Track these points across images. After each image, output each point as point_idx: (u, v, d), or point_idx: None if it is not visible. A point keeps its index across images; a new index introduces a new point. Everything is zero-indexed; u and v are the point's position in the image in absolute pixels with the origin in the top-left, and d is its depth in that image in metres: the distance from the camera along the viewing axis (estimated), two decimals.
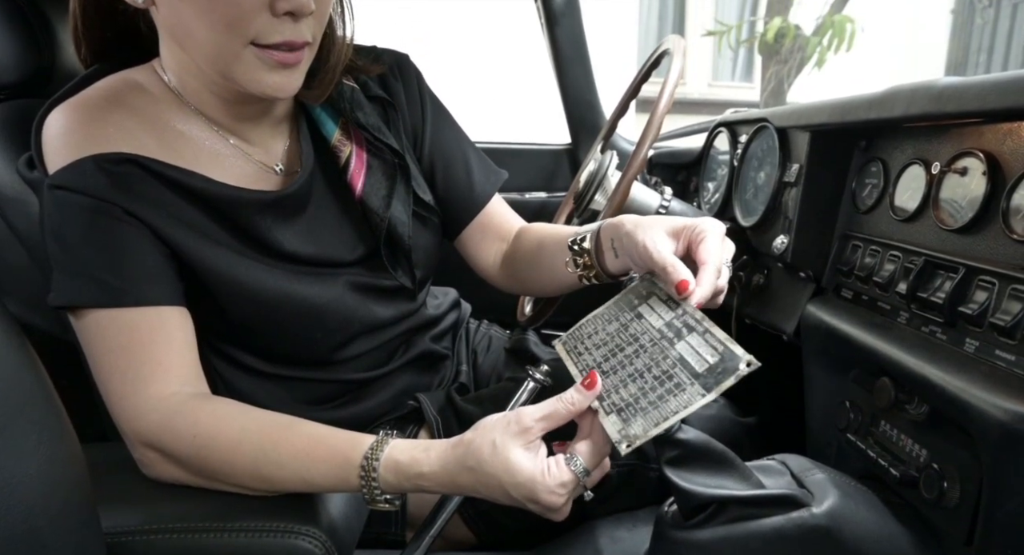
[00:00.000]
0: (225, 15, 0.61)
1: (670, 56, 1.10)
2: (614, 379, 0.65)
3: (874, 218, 0.85)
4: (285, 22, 0.63)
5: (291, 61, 0.66)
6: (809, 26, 5.02)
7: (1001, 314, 0.60)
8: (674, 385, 0.61)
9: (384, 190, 0.80)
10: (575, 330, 0.74)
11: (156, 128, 0.71)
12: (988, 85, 0.62)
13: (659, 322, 0.66)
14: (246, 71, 0.65)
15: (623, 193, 1.04)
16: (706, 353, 0.61)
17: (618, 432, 0.60)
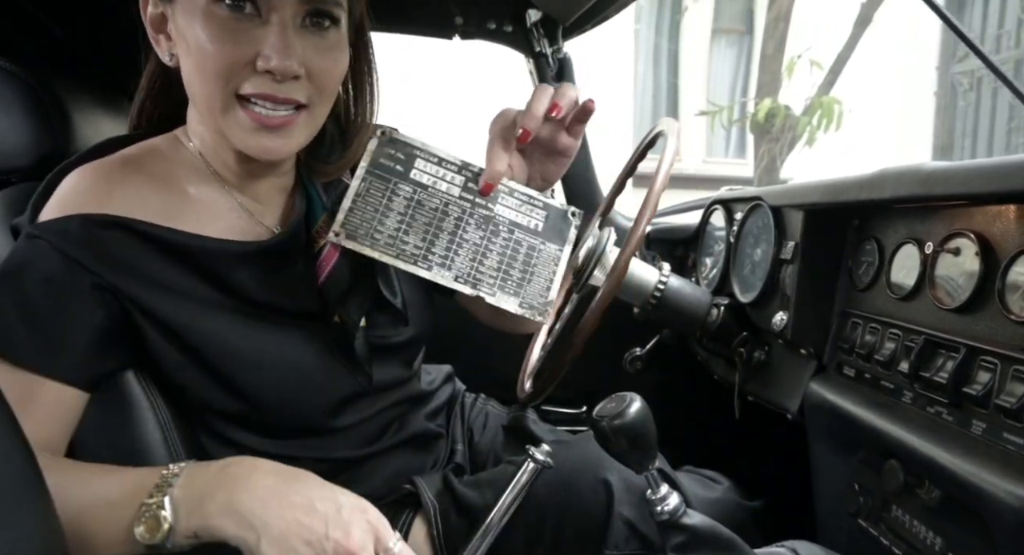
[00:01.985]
0: (214, 67, 0.67)
1: (664, 137, 1.13)
2: (462, 259, 0.69)
3: (872, 296, 0.85)
4: (266, 78, 0.68)
5: (275, 123, 0.69)
6: (798, 106, 5.19)
7: (1006, 396, 0.60)
8: (529, 248, 0.72)
9: (346, 284, 0.80)
10: (347, 219, 0.69)
11: (166, 190, 0.74)
12: (973, 170, 0.64)
13: (455, 189, 0.71)
14: (233, 130, 0.70)
15: (622, 269, 1.05)
16: (530, 212, 0.73)
17: (519, 307, 0.69)
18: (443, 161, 0.72)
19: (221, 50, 0.67)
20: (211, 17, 0.67)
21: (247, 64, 0.67)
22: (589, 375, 1.25)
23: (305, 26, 0.70)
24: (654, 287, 1.15)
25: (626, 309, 1.21)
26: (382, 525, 0.63)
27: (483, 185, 0.72)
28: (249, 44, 0.67)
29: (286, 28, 0.68)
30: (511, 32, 1.39)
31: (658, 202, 1.06)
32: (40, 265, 0.67)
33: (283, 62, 0.67)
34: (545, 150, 0.79)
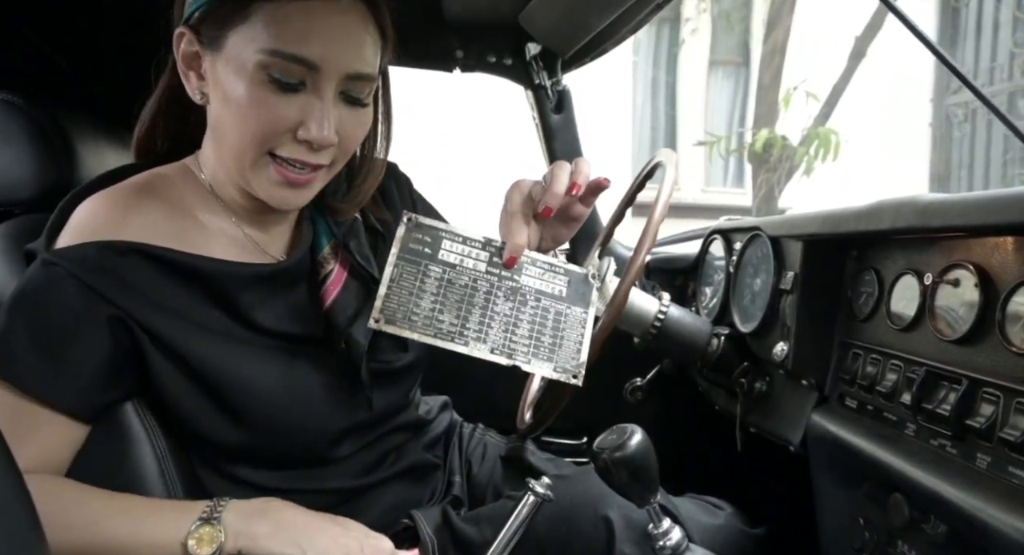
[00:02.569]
0: (256, 129, 0.70)
1: (663, 168, 1.14)
2: (495, 331, 0.72)
3: (872, 326, 0.85)
4: (303, 146, 0.71)
5: (300, 181, 0.73)
6: (795, 137, 5.25)
7: (1010, 429, 0.59)
8: (556, 314, 0.76)
9: (352, 310, 0.82)
10: (384, 304, 0.71)
11: (178, 216, 0.76)
12: (971, 203, 0.64)
13: (481, 265, 0.75)
14: (259, 181, 0.73)
15: (622, 299, 1.05)
16: (552, 279, 0.77)
17: (553, 371, 0.73)
18: (467, 239, 0.76)
19: (264, 115, 0.69)
20: (258, 83, 0.69)
21: (286, 131, 0.70)
22: (589, 405, 1.24)
23: (341, 96, 0.73)
24: (654, 317, 1.15)
25: (626, 339, 1.20)
26: None
27: (507, 259, 0.75)
28: (292, 113, 0.70)
29: (327, 101, 0.71)
30: (511, 65, 1.41)
31: (657, 232, 1.07)
32: (57, 293, 0.68)
33: (322, 134, 0.70)
34: (559, 217, 0.83)
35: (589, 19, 1.20)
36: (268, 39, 0.67)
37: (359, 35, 0.72)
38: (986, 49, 5.93)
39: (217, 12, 0.70)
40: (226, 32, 0.69)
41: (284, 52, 0.68)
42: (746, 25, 7.14)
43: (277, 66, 0.68)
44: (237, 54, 0.69)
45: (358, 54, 0.72)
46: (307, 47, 0.68)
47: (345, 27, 0.70)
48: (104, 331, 0.69)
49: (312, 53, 0.68)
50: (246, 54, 0.68)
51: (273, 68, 0.68)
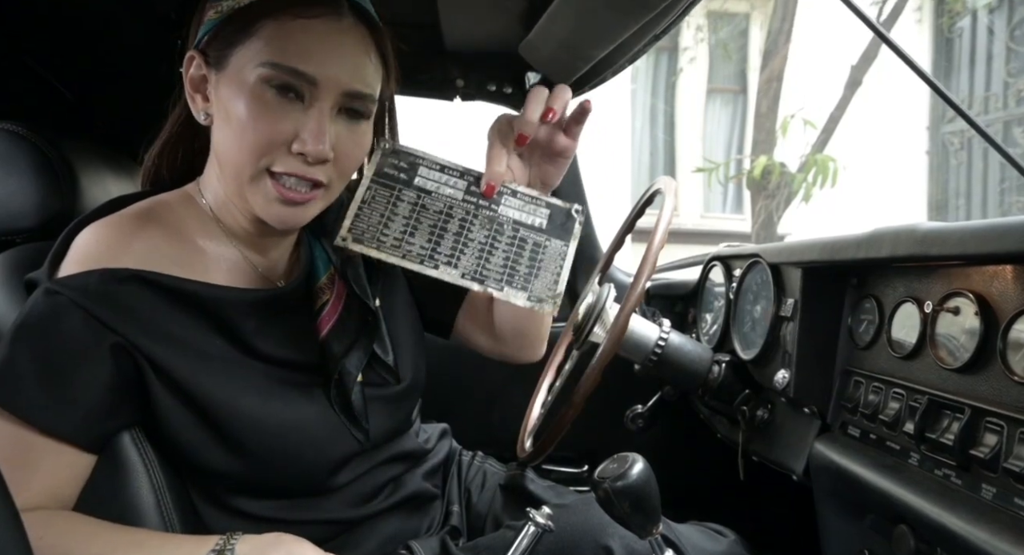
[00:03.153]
0: (254, 141, 0.71)
1: (662, 195, 1.15)
2: (468, 258, 0.71)
3: (873, 354, 0.85)
4: (299, 159, 0.72)
5: (298, 200, 0.73)
6: (793, 164, 5.28)
7: (1015, 459, 0.59)
8: (534, 245, 0.74)
9: (348, 340, 0.82)
10: (353, 224, 0.72)
11: (178, 242, 0.76)
12: (969, 231, 0.64)
13: (458, 193, 0.74)
14: (257, 198, 0.73)
15: (622, 325, 1.05)
16: (533, 211, 0.75)
17: (527, 300, 0.71)
18: (445, 167, 0.76)
19: (262, 128, 0.71)
20: (257, 97, 0.70)
21: (283, 144, 0.72)
22: (590, 433, 1.24)
23: (340, 114, 0.74)
24: (655, 343, 1.15)
25: (627, 366, 1.20)
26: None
27: (485, 187, 0.75)
28: (289, 126, 0.71)
29: (324, 115, 0.72)
30: (511, 93, 1.42)
31: (657, 258, 1.07)
32: (60, 321, 0.68)
33: (317, 147, 0.71)
34: (543, 152, 0.82)
35: (588, 49, 1.21)
36: (269, 53, 0.70)
37: (359, 55, 0.74)
38: (980, 78, 6.00)
39: (223, 31, 0.72)
40: (231, 51, 0.72)
41: (284, 65, 0.69)
42: (743, 54, 7.23)
43: (276, 79, 0.70)
44: (239, 70, 0.71)
45: (357, 73, 0.73)
46: (306, 62, 0.70)
47: (345, 46, 0.72)
48: (107, 359, 0.69)
49: (311, 67, 0.70)
50: (248, 69, 0.70)
51: (273, 80, 0.70)
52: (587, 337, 1.17)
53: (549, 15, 1.10)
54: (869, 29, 1.13)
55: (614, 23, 1.09)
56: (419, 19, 1.19)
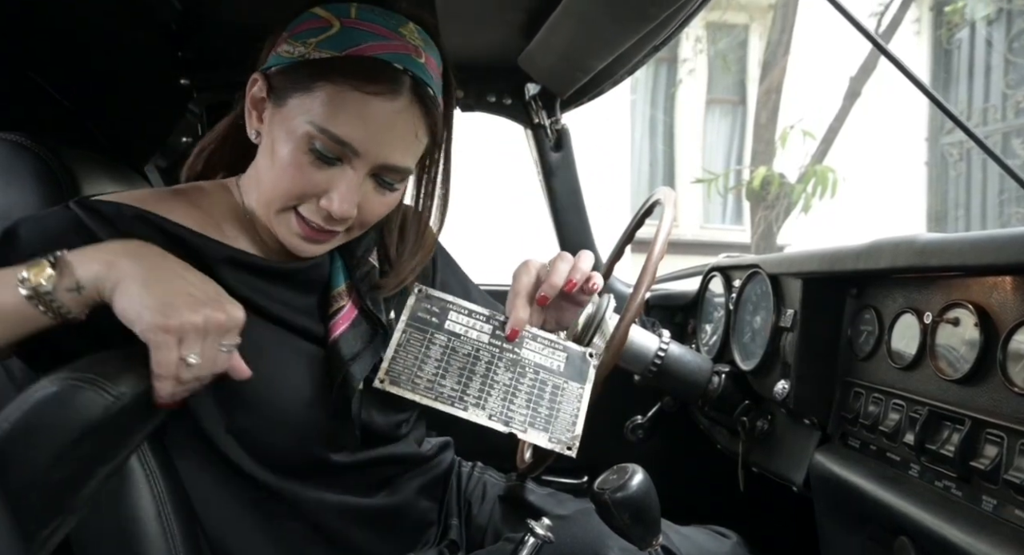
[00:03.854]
0: (288, 185, 0.75)
1: (661, 206, 1.15)
2: (494, 399, 0.77)
3: (873, 365, 0.85)
4: (323, 212, 0.75)
5: (318, 238, 0.78)
6: (793, 174, 5.30)
7: (1015, 471, 0.58)
8: (553, 388, 0.81)
9: (357, 347, 0.83)
10: (390, 366, 0.78)
11: (202, 220, 0.80)
12: (968, 242, 0.65)
13: (484, 336, 0.81)
14: (282, 228, 0.78)
15: (622, 336, 1.05)
16: (552, 354, 0.83)
17: (548, 441, 0.77)
18: (473, 312, 0.83)
19: (298, 179, 0.74)
20: (301, 150, 0.73)
21: (313, 196, 0.75)
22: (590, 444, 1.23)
23: (373, 179, 0.77)
24: (654, 354, 1.15)
25: (626, 377, 1.20)
26: None
27: (509, 332, 0.81)
28: (321, 182, 0.75)
29: (357, 180, 0.75)
30: (510, 105, 1.43)
31: (657, 268, 1.07)
32: (48, 221, 0.72)
33: (343, 208, 0.75)
34: (561, 299, 0.87)
35: (587, 61, 1.22)
36: (322, 116, 0.72)
37: (406, 133, 0.76)
38: (979, 90, 6.03)
39: (290, 74, 0.75)
40: (291, 94, 0.74)
41: (331, 132, 0.72)
42: (742, 65, 7.27)
43: (321, 141, 0.73)
44: (293, 117, 0.74)
45: (399, 149, 0.76)
46: (354, 133, 0.73)
47: (395, 124, 0.75)
48: None
49: (356, 139, 0.73)
50: (299, 121, 0.73)
51: (317, 141, 0.73)
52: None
53: (549, 27, 1.10)
54: (868, 41, 1.13)
55: (613, 35, 1.09)
56: None
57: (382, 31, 0.75)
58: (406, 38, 0.76)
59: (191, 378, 0.65)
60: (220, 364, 0.68)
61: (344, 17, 0.75)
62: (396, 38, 0.75)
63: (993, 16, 5.79)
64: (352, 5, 0.76)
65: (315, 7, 0.76)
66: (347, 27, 0.74)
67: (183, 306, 0.64)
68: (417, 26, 0.78)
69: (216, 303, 0.67)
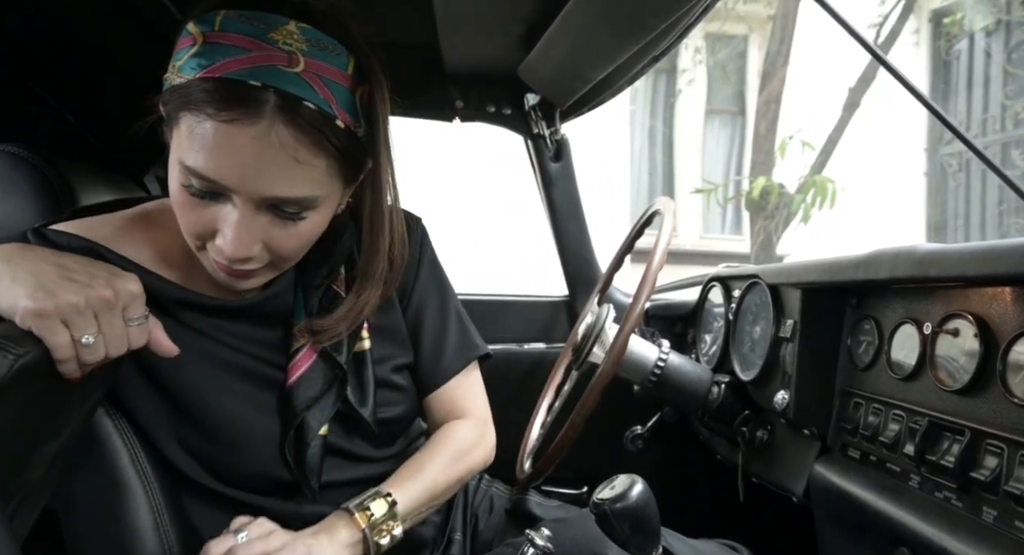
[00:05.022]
0: (184, 224, 0.70)
1: (661, 216, 1.15)
2: None
3: (873, 375, 0.85)
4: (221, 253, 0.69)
5: (237, 274, 0.71)
6: (792, 185, 5.31)
7: (1015, 482, 0.58)
8: None
9: (314, 393, 0.79)
10: None
11: (168, 244, 0.77)
12: (967, 253, 0.65)
13: None
14: (207, 263, 0.72)
15: (621, 346, 1.05)
16: None
17: None
18: None
19: (188, 217, 0.68)
20: (180, 188, 0.67)
21: (209, 235, 0.69)
22: (589, 454, 1.23)
23: (269, 211, 0.68)
24: (654, 364, 1.15)
25: (626, 386, 1.19)
26: None
27: None
28: (209, 221, 0.68)
29: (245, 218, 0.66)
30: (510, 115, 1.44)
31: (656, 278, 1.07)
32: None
33: (234, 250, 0.67)
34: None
35: (587, 71, 1.22)
36: (183, 154, 0.65)
37: (280, 160, 0.65)
38: (978, 101, 6.05)
39: (165, 105, 0.68)
40: (169, 126, 0.68)
41: (192, 169, 0.64)
42: (741, 75, 7.30)
43: (192, 179, 0.65)
44: (173, 152, 0.67)
45: (276, 179, 0.65)
46: (219, 169, 0.64)
47: (262, 153, 0.64)
48: None
49: (223, 176, 0.64)
50: (174, 157, 0.67)
51: (191, 178, 0.65)
52: (586, 358, 1.17)
53: (548, 37, 1.11)
54: (867, 52, 1.14)
55: (613, 45, 1.10)
56: (418, 41, 1.20)
57: (243, 42, 0.64)
58: (277, 45, 0.64)
59: (96, 358, 0.62)
60: (134, 339, 0.65)
61: (208, 31, 0.64)
62: (260, 48, 0.64)
63: (992, 27, 5.82)
64: (219, 14, 0.65)
65: (189, 23, 0.67)
66: (208, 43, 0.64)
67: (57, 289, 0.60)
68: (302, 25, 0.66)
69: (100, 280, 0.62)
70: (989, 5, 5.64)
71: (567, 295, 1.66)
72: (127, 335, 0.64)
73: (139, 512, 0.72)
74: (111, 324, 0.63)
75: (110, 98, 1.17)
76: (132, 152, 1.22)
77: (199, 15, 0.66)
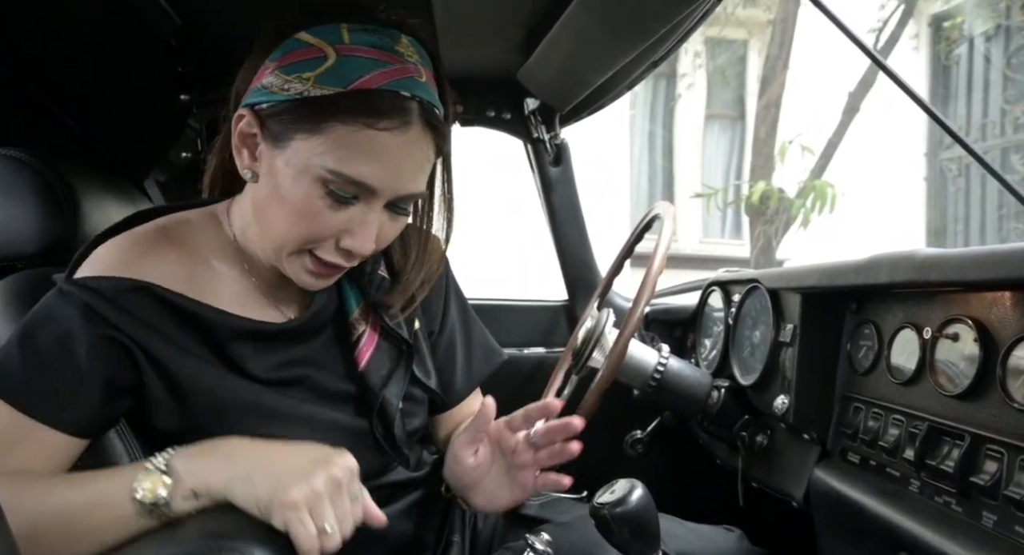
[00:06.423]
0: (304, 231, 0.72)
1: (661, 220, 1.15)
2: None
3: (873, 380, 0.85)
4: (342, 252, 0.73)
5: (332, 273, 0.76)
6: (792, 189, 5.31)
7: (1015, 487, 0.58)
8: None
9: (385, 371, 0.84)
10: None
11: (191, 261, 0.77)
12: (967, 258, 0.65)
13: None
14: (291, 265, 0.75)
15: (621, 350, 1.05)
16: None
17: None
18: None
19: (314, 223, 0.71)
20: (314, 194, 0.70)
21: (331, 238, 0.73)
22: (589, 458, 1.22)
23: (387, 209, 0.74)
24: (654, 369, 1.15)
25: (626, 391, 1.19)
26: None
27: None
28: (338, 224, 0.72)
29: (375, 216, 0.72)
30: (509, 119, 1.44)
31: (656, 283, 1.07)
32: (62, 316, 0.70)
33: (364, 246, 0.72)
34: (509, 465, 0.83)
35: (586, 76, 1.23)
36: (334, 159, 0.69)
37: (420, 161, 0.73)
38: (978, 105, 6.05)
39: (289, 114, 0.70)
40: (294, 135, 0.70)
41: (346, 175, 0.69)
42: (741, 80, 7.31)
43: (336, 184, 0.69)
44: (301, 160, 0.70)
45: (414, 178, 0.74)
46: (369, 173, 0.69)
47: (409, 155, 0.72)
48: (106, 355, 0.71)
49: (372, 179, 0.70)
50: (310, 164, 0.69)
51: (332, 184, 0.69)
52: (586, 362, 1.17)
53: (548, 42, 1.11)
54: (866, 56, 1.14)
55: (612, 50, 1.10)
56: None
57: (381, 56, 0.69)
58: (404, 57, 0.71)
59: (334, 546, 0.62)
60: (357, 516, 0.65)
61: (337, 44, 0.69)
62: (396, 61, 0.70)
63: (991, 32, 5.83)
64: (342, 27, 0.70)
65: (299, 33, 0.71)
66: (344, 56, 0.69)
67: (297, 479, 0.61)
68: (410, 38, 0.73)
69: (324, 461, 0.64)
70: (989, 10, 5.66)
71: (567, 299, 1.66)
72: (353, 513, 0.65)
73: None
74: (342, 506, 0.63)
75: (111, 102, 1.18)
76: (132, 156, 1.22)
77: (307, 24, 0.71)
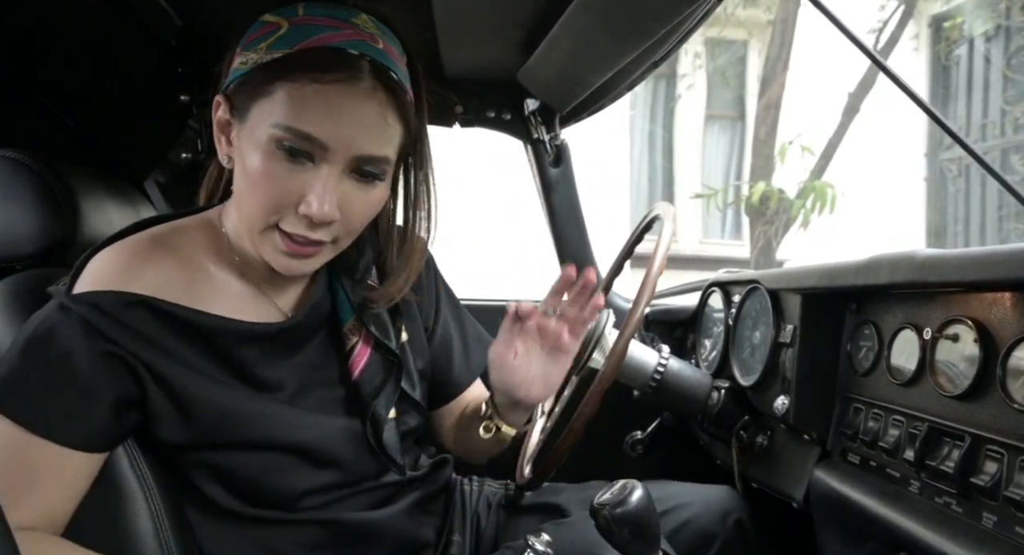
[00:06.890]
0: (264, 200, 0.73)
1: (661, 221, 1.15)
2: None
3: (873, 381, 0.85)
4: (304, 220, 0.73)
5: (305, 253, 0.75)
6: (792, 190, 5.31)
7: (1015, 487, 0.58)
8: None
9: (378, 381, 0.85)
10: None
11: (188, 269, 0.78)
12: (967, 258, 0.65)
13: None
14: (266, 248, 0.75)
15: (621, 351, 1.05)
16: None
17: None
18: None
19: (271, 188, 0.72)
20: (269, 156, 0.71)
21: (291, 204, 0.72)
22: (589, 459, 1.23)
23: (351, 175, 0.74)
24: (654, 369, 1.14)
25: (626, 392, 1.19)
26: None
27: None
28: (296, 187, 0.72)
29: (332, 178, 0.72)
30: (509, 120, 1.44)
31: (656, 283, 1.07)
32: (67, 335, 0.71)
33: (322, 210, 0.71)
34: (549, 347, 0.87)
35: (586, 76, 1.23)
36: (283, 115, 0.70)
37: (375, 120, 0.73)
38: (978, 106, 6.05)
39: (247, 84, 0.73)
40: (251, 104, 0.72)
41: (295, 129, 0.70)
42: (741, 81, 7.31)
43: (288, 141, 0.70)
44: (256, 126, 0.72)
45: (370, 137, 0.73)
46: (319, 127, 0.70)
47: (361, 111, 0.72)
48: (111, 371, 0.72)
49: (322, 133, 0.70)
50: (262, 127, 0.71)
51: (284, 142, 0.70)
52: (586, 363, 1.17)
53: (548, 42, 1.11)
54: (867, 57, 1.14)
55: (612, 50, 1.10)
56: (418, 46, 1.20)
57: (333, 23, 0.72)
58: (360, 27, 0.73)
59: None
60: None
61: (292, 17, 0.73)
62: (348, 27, 0.73)
63: (991, 32, 5.83)
64: (300, 5, 0.74)
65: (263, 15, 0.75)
66: (296, 25, 0.72)
67: None
68: (371, 17, 0.76)
69: None
70: (989, 10, 5.66)
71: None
72: None
73: (138, 517, 0.72)
74: None
75: (111, 103, 1.18)
76: (132, 157, 1.22)
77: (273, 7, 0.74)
